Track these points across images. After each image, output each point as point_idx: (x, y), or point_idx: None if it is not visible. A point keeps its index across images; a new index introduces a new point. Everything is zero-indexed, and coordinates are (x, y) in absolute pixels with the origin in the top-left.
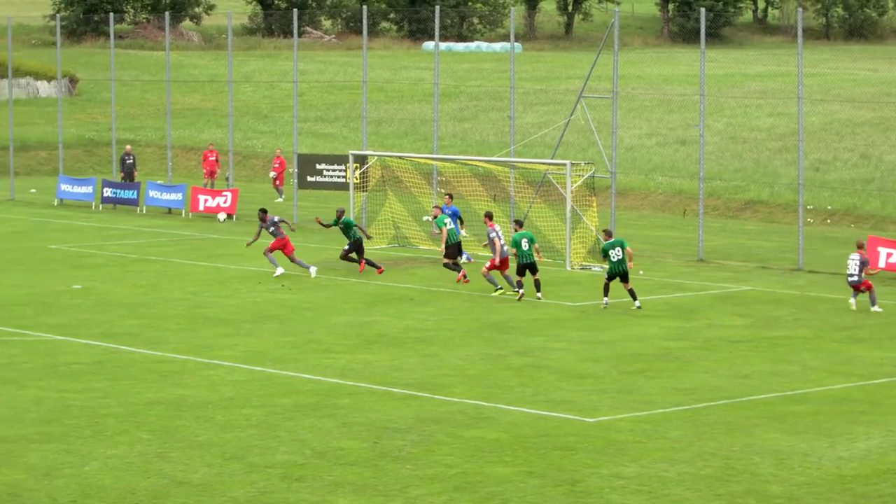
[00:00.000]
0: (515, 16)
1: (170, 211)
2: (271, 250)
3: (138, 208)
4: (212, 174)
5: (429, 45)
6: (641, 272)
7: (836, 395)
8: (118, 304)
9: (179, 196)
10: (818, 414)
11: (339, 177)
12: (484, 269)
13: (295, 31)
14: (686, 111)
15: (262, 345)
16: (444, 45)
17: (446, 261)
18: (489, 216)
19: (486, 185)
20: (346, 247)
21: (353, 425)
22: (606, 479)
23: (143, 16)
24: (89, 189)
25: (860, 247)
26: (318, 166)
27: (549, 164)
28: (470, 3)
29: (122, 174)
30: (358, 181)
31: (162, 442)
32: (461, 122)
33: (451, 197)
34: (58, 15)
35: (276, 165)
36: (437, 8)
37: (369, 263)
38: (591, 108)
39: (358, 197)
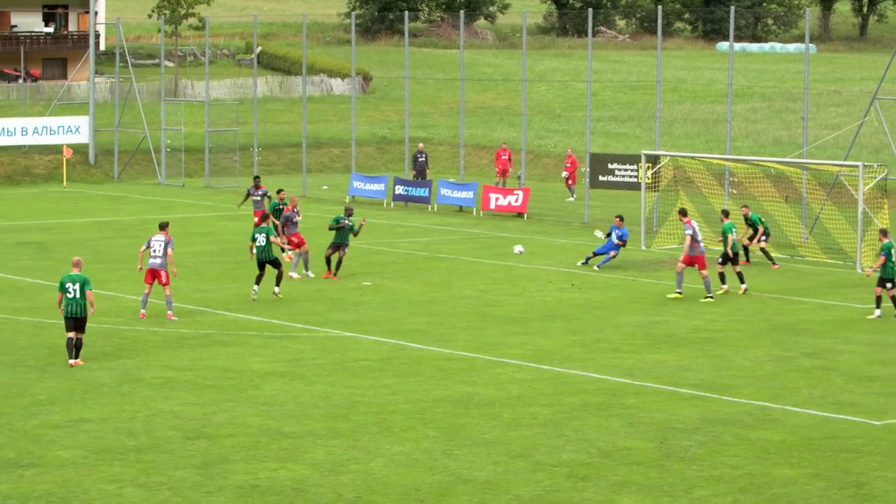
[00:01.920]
0: (810, 17)
1: (461, 209)
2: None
3: (430, 206)
4: (504, 173)
5: (723, 45)
6: None
7: None
8: (407, 301)
9: (471, 194)
10: None
11: (631, 176)
12: (679, 265)
13: (589, 30)
14: None
15: (550, 343)
16: (738, 46)
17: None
18: (683, 213)
19: (778, 186)
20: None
21: (640, 425)
22: (893, 482)
23: (438, 14)
24: (381, 186)
25: None
26: (610, 166)
27: (842, 165)
28: (765, 4)
29: (415, 172)
30: (650, 181)
31: (448, 439)
32: (754, 123)
33: (621, 219)
34: (353, 13)
35: (568, 164)
36: (732, 8)
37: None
38: (884, 110)
39: (650, 197)
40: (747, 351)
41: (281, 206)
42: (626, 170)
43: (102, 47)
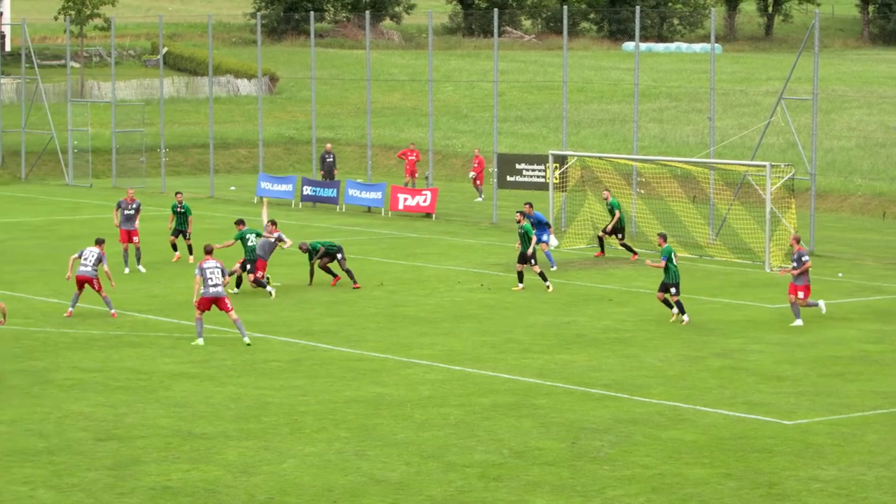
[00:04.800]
0: (716, 17)
1: (369, 209)
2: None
3: (338, 206)
4: (412, 174)
5: (629, 45)
6: (841, 274)
7: None
8: (316, 301)
9: (379, 195)
10: None
11: (538, 177)
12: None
13: (495, 30)
14: (886, 113)
15: (460, 344)
16: (644, 46)
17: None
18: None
19: (685, 186)
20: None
21: (551, 425)
22: (804, 482)
23: (344, 14)
24: (289, 187)
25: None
26: (517, 166)
27: (749, 165)
28: (670, 4)
29: (322, 172)
30: (557, 181)
31: (360, 440)
32: (661, 123)
33: (531, 206)
34: (258, 13)
35: (476, 165)
36: (638, 8)
37: None
38: (790, 110)
39: (557, 197)
40: (657, 351)
41: (181, 210)
42: (533, 170)
43: (8, 48)
